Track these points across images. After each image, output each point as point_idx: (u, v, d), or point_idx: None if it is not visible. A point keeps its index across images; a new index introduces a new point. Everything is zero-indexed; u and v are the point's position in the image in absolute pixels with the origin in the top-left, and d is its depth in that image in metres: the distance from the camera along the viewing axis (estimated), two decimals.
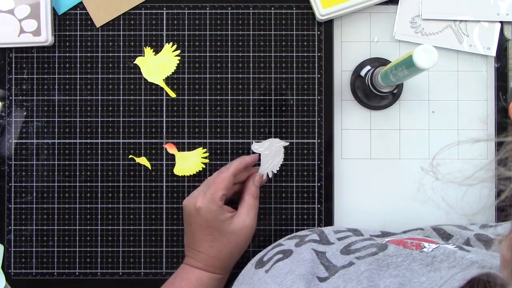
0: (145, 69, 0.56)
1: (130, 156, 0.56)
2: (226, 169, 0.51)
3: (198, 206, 0.49)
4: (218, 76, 0.57)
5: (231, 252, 0.50)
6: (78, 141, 0.56)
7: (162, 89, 0.57)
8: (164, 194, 0.56)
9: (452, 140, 0.57)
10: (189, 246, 0.52)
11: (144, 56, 0.56)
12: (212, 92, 0.57)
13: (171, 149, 0.56)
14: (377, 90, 0.54)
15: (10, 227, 0.56)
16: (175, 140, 0.56)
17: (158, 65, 0.56)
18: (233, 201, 0.54)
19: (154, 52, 0.56)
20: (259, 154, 0.54)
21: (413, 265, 0.35)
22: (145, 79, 0.56)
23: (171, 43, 0.56)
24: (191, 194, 0.51)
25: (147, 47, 0.56)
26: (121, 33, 0.57)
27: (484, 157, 0.56)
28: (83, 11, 0.57)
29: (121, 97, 0.56)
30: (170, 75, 0.56)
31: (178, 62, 0.56)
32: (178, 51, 0.56)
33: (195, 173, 0.56)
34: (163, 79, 0.56)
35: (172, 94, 0.56)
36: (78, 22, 0.57)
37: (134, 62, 0.56)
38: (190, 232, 0.51)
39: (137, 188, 0.56)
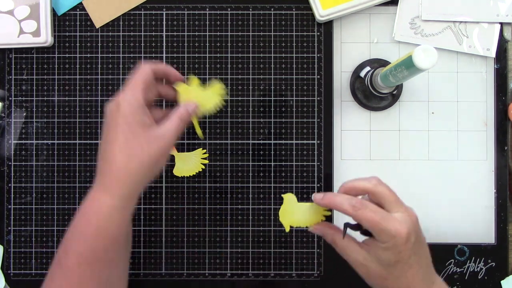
0: (184, 97, 0.51)
1: None
2: (144, 63, 0.47)
3: (117, 101, 0.44)
4: (218, 77, 0.57)
5: (141, 162, 0.43)
6: (77, 141, 0.56)
7: None
8: (164, 195, 0.56)
9: (452, 140, 0.57)
10: (99, 159, 0.45)
11: (188, 84, 0.51)
12: None
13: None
14: (376, 91, 0.54)
15: (9, 228, 0.56)
16: None
17: (199, 99, 0.51)
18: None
19: (200, 84, 0.52)
20: (183, 78, 0.51)
21: None
22: None
23: (219, 83, 0.51)
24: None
25: (192, 75, 0.53)
26: (121, 33, 0.57)
27: (484, 159, 0.56)
28: (83, 12, 0.57)
29: None
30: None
31: (221, 104, 0.52)
32: (224, 92, 0.52)
33: (194, 174, 0.56)
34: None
35: (200, 135, 0.54)
36: (78, 23, 0.57)
37: (175, 87, 0.51)
38: (104, 139, 0.45)
39: None
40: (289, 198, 0.48)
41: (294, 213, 0.48)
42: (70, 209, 0.56)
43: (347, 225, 0.44)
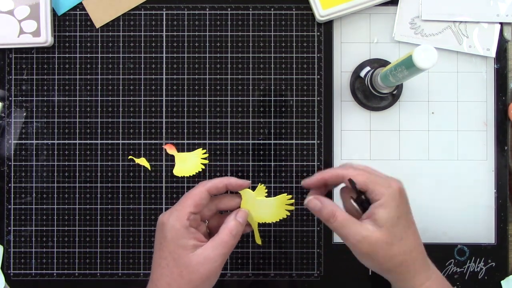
0: (247, 205, 0.48)
1: (130, 157, 0.56)
2: (201, 184, 0.45)
3: (162, 221, 0.43)
4: (218, 77, 0.57)
5: None
6: (77, 141, 0.56)
7: (161, 89, 0.57)
8: (164, 195, 0.56)
9: (452, 140, 0.57)
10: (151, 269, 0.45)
11: (254, 191, 0.49)
12: (212, 93, 0.57)
13: (170, 150, 0.56)
14: (376, 91, 0.54)
15: (9, 228, 0.56)
16: (174, 141, 0.56)
17: (262, 208, 0.49)
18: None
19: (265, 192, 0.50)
20: (250, 182, 0.48)
21: None
22: (144, 80, 0.57)
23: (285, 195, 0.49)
24: None
25: (260, 184, 0.49)
26: (121, 33, 0.57)
27: (484, 159, 0.56)
28: (83, 12, 0.57)
29: (120, 98, 0.56)
30: (170, 76, 0.56)
31: (286, 216, 0.50)
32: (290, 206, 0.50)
33: (194, 174, 0.56)
34: None
35: (259, 242, 0.51)
36: (78, 23, 0.57)
37: (240, 192, 0.48)
38: (154, 254, 0.45)
39: (137, 189, 0.56)
40: (247, 195, 0.47)
41: (255, 208, 0.47)
42: (70, 209, 0.56)
43: (351, 181, 0.43)
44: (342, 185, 0.47)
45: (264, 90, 0.57)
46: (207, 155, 0.56)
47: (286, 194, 0.49)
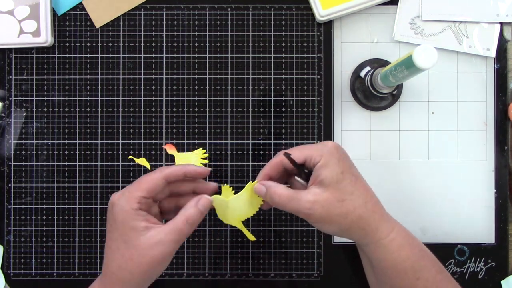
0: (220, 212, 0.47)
1: (130, 157, 0.56)
2: (159, 170, 0.44)
3: (112, 201, 0.42)
4: (218, 77, 0.57)
5: (131, 273, 0.41)
6: (77, 141, 0.56)
7: (161, 89, 0.57)
8: None
9: (452, 140, 0.57)
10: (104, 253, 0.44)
11: (222, 194, 0.47)
12: (212, 93, 0.57)
13: (170, 150, 0.56)
14: (376, 91, 0.54)
15: (9, 228, 0.56)
16: (174, 141, 0.56)
17: (235, 204, 0.47)
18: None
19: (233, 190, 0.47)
20: (210, 170, 0.46)
21: None
22: (144, 80, 0.57)
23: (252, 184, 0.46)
24: None
25: (224, 184, 0.47)
26: (121, 33, 0.57)
27: (484, 159, 0.56)
28: (83, 12, 0.57)
29: (120, 98, 0.56)
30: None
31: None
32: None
33: None
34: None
35: (251, 238, 0.50)
36: (78, 23, 0.57)
37: (212, 202, 0.45)
38: (106, 237, 0.44)
39: None
40: (217, 202, 0.46)
41: (230, 210, 0.47)
42: (70, 209, 0.56)
43: (287, 154, 0.43)
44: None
45: (264, 90, 0.57)
46: (207, 155, 0.56)
47: (251, 182, 0.46)
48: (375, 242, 0.42)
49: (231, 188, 0.46)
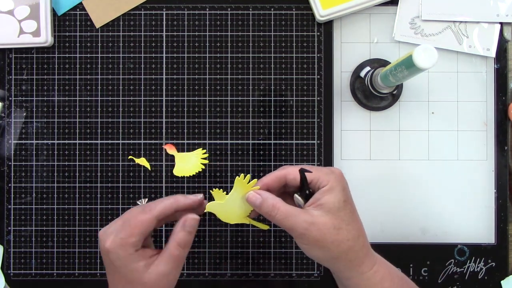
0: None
1: (130, 157, 0.56)
2: (149, 210, 0.43)
3: (106, 249, 0.41)
4: (218, 77, 0.57)
5: None
6: (77, 141, 0.56)
7: (161, 89, 0.57)
8: (164, 195, 0.56)
9: (452, 140, 0.57)
10: None
11: (215, 198, 0.47)
12: (212, 93, 0.57)
13: (170, 150, 0.56)
14: (376, 91, 0.54)
15: (9, 228, 0.56)
16: (174, 141, 0.56)
17: (230, 208, 0.47)
18: None
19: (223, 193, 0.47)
20: (201, 198, 0.45)
21: None
22: (144, 80, 0.57)
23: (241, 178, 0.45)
24: (109, 224, 0.43)
25: (214, 189, 0.46)
26: (121, 33, 0.57)
27: (484, 159, 0.56)
28: (83, 12, 0.57)
29: (120, 98, 0.56)
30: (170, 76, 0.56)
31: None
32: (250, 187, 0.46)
33: (194, 174, 0.56)
34: None
35: (264, 227, 0.50)
36: (78, 23, 0.57)
37: (206, 209, 0.46)
38: (107, 276, 0.44)
39: (137, 189, 0.56)
40: (215, 208, 0.45)
41: (229, 212, 0.46)
42: (70, 209, 0.56)
43: (302, 171, 0.42)
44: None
45: (264, 90, 0.57)
46: (207, 155, 0.56)
47: (238, 176, 0.44)
48: (360, 275, 0.42)
49: (221, 190, 0.46)
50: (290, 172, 0.44)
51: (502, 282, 0.56)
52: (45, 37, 0.55)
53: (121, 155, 0.56)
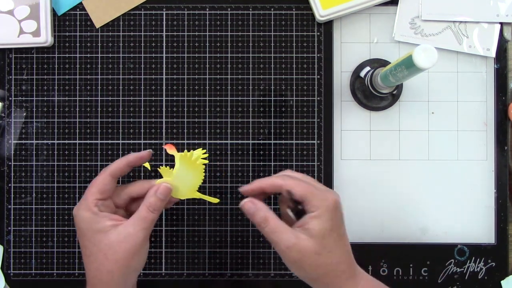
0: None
1: None
2: (104, 170, 0.46)
3: (74, 214, 0.44)
4: (218, 77, 0.57)
5: (111, 271, 0.42)
6: (77, 141, 0.56)
7: (161, 89, 0.57)
8: None
9: (452, 140, 0.57)
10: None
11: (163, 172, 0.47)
12: (212, 93, 0.57)
13: (170, 150, 0.56)
14: (376, 91, 0.54)
15: (9, 228, 0.56)
16: (174, 141, 0.56)
17: (184, 176, 0.48)
18: None
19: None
20: (149, 151, 0.48)
21: None
22: (144, 80, 0.57)
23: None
24: None
25: (161, 167, 0.47)
26: (121, 33, 0.57)
27: (484, 159, 0.56)
28: (83, 12, 0.57)
29: (120, 98, 0.56)
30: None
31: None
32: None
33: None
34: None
35: (214, 200, 0.50)
36: (78, 23, 0.57)
37: (159, 170, 0.47)
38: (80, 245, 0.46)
39: None
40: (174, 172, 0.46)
41: (182, 184, 0.47)
42: (70, 209, 0.56)
43: (289, 192, 0.44)
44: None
45: (264, 90, 0.57)
46: (207, 155, 0.56)
47: (180, 153, 0.46)
48: None
49: (168, 167, 0.46)
50: (287, 186, 0.44)
51: (502, 282, 0.56)
52: (45, 37, 0.55)
53: (121, 155, 0.56)
